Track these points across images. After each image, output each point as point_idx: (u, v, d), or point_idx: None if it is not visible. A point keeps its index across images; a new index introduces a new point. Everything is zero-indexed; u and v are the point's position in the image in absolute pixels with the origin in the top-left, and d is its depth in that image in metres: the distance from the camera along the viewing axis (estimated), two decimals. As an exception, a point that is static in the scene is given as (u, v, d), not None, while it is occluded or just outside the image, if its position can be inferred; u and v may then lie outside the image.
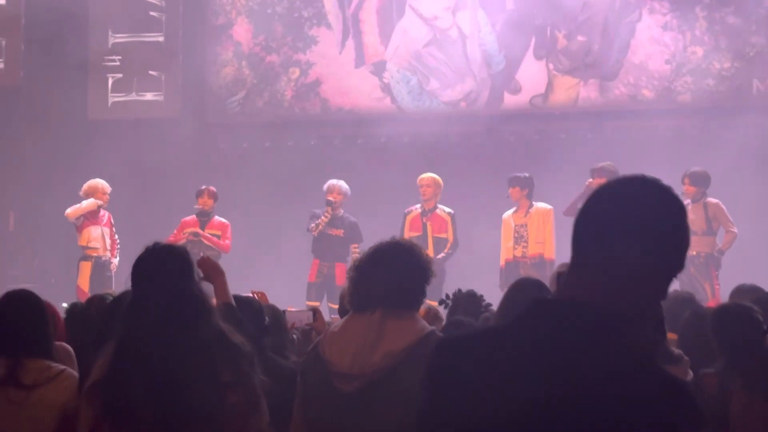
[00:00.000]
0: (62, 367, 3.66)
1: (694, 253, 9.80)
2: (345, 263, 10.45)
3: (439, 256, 10.01)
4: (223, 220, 10.69)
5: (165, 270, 3.18)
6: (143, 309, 3.13)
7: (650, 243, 1.87)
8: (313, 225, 10.43)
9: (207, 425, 3.02)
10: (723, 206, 9.81)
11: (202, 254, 9.42)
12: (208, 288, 4.10)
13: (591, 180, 9.75)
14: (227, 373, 3.07)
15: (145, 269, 3.22)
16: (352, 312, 3.50)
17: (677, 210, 1.90)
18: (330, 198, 10.42)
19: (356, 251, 10.40)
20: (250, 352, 3.17)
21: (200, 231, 10.51)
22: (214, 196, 10.65)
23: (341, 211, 10.51)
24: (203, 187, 10.69)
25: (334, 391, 3.30)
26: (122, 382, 3.07)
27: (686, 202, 9.93)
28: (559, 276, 1.95)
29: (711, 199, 9.82)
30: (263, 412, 3.18)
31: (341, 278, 10.32)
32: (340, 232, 10.45)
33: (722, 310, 4.15)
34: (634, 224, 1.86)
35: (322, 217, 10.42)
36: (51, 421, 3.53)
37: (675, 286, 8.93)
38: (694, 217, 9.84)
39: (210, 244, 10.43)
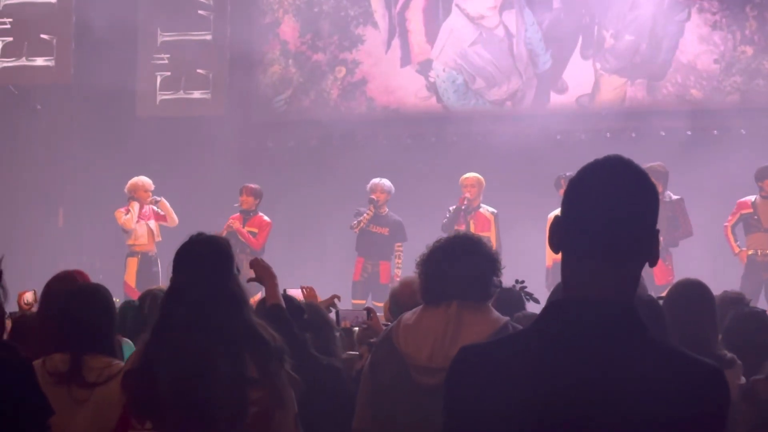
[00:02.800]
0: (123, 363, 3.60)
1: (767, 252, 9.54)
2: (389, 261, 10.48)
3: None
4: (266, 218, 10.68)
5: (203, 261, 3.18)
6: (178, 299, 3.15)
7: (650, 228, 1.87)
8: (355, 222, 10.46)
9: (229, 419, 3.02)
10: None
11: (244, 252, 9.56)
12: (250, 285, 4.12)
13: None
14: (253, 369, 3.07)
15: (185, 259, 3.22)
16: (425, 305, 3.52)
17: (645, 176, 1.89)
18: (373, 197, 10.44)
19: (400, 250, 10.41)
20: (279, 349, 3.16)
21: (238, 226, 10.53)
22: (252, 193, 10.62)
23: (386, 210, 10.52)
24: (242, 185, 10.74)
25: (412, 385, 3.31)
26: (150, 372, 3.08)
27: (755, 196, 9.70)
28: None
29: None
30: (289, 408, 3.18)
31: (385, 277, 10.34)
32: (385, 230, 10.46)
33: None
34: (632, 205, 1.85)
35: (365, 215, 10.44)
36: (112, 418, 3.45)
37: (743, 288, 8.64)
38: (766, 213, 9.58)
39: (242, 239, 10.44)
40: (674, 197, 9.77)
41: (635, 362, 1.79)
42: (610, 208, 1.84)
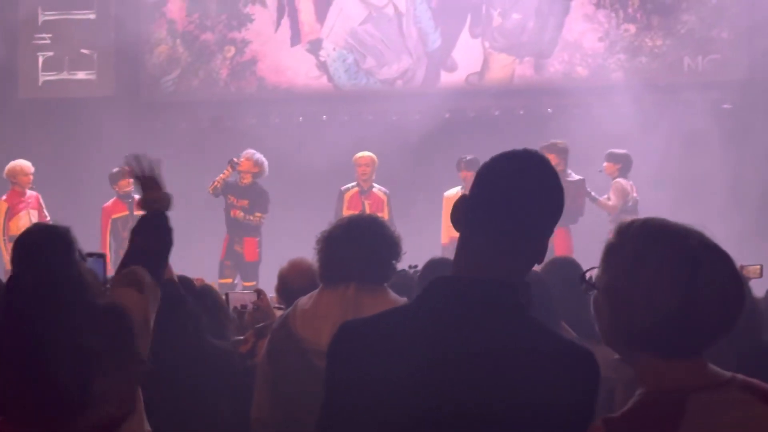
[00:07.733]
0: None
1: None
2: (253, 237, 10.10)
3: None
4: None
5: (39, 250, 3.14)
6: (18, 290, 3.09)
7: (550, 216, 1.93)
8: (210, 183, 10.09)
9: (75, 407, 2.99)
10: (624, 185, 9.88)
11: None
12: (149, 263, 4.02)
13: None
14: (97, 354, 3.03)
15: (21, 250, 3.19)
16: (323, 287, 3.50)
17: (558, 179, 1.96)
18: (235, 159, 10.08)
19: (258, 220, 10.09)
20: (127, 330, 3.13)
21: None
22: None
23: (249, 179, 10.12)
24: (119, 169, 10.44)
25: (312, 369, 3.24)
26: None
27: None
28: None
29: (620, 180, 9.94)
30: (137, 398, 3.15)
31: (250, 254, 10.05)
32: (245, 202, 10.07)
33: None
34: (536, 200, 1.91)
35: (221, 174, 10.08)
36: None
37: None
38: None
39: None
40: (576, 177, 9.97)
41: (509, 340, 1.82)
42: (512, 195, 1.90)
